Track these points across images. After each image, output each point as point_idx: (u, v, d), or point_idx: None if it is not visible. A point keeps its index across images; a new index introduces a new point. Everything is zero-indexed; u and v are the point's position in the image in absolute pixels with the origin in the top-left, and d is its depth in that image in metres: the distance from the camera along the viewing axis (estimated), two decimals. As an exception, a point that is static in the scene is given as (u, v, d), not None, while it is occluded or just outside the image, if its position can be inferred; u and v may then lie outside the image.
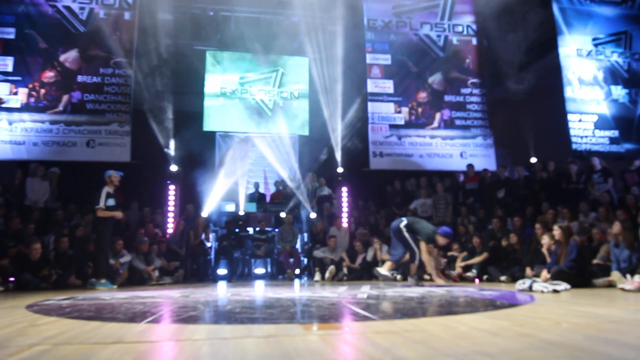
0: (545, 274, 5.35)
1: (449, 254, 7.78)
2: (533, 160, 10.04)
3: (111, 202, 6.85)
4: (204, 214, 9.42)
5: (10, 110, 9.37)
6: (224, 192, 10.57)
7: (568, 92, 10.83)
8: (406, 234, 6.06)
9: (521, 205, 8.63)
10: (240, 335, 2.28)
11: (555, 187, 8.79)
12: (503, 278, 6.75)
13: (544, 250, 5.91)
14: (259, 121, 11.53)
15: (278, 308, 3.42)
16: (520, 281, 5.04)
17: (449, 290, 5.07)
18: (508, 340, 1.98)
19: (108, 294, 5.09)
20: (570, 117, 10.68)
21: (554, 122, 10.56)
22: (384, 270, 6.17)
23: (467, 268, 7.37)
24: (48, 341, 2.12)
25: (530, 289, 4.77)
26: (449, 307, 3.38)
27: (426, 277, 6.59)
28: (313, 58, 11.84)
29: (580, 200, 8.01)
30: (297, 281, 8.02)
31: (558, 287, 4.67)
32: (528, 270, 6.26)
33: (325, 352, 1.81)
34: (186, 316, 3.03)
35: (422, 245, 5.94)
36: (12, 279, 6.44)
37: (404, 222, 6.17)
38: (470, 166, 9.84)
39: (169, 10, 10.71)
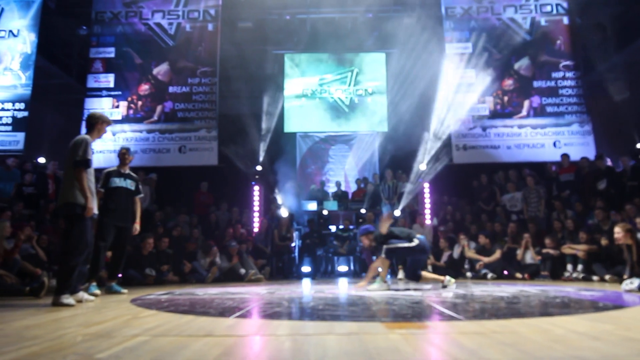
0: (656, 272, 4.82)
1: (544, 251, 7.30)
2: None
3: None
4: (287, 212, 9.67)
5: (113, 122, 10.31)
6: (306, 191, 10.82)
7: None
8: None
9: (628, 198, 7.82)
10: (322, 332, 2.31)
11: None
12: (607, 277, 6.21)
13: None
14: (338, 120, 11.61)
15: (360, 306, 3.42)
16: (628, 281, 4.59)
17: (544, 290, 4.75)
18: (611, 346, 1.81)
19: (201, 290, 5.39)
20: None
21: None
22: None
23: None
24: (148, 332, 2.30)
25: (639, 289, 4.33)
26: (542, 308, 3.16)
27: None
28: (389, 53, 11.69)
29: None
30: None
31: (673, 288, 4.19)
32: None
33: (407, 352, 1.77)
34: (271, 312, 3.13)
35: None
36: (119, 275, 7.05)
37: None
38: (565, 156, 9.10)
39: (249, 18, 11.17)
